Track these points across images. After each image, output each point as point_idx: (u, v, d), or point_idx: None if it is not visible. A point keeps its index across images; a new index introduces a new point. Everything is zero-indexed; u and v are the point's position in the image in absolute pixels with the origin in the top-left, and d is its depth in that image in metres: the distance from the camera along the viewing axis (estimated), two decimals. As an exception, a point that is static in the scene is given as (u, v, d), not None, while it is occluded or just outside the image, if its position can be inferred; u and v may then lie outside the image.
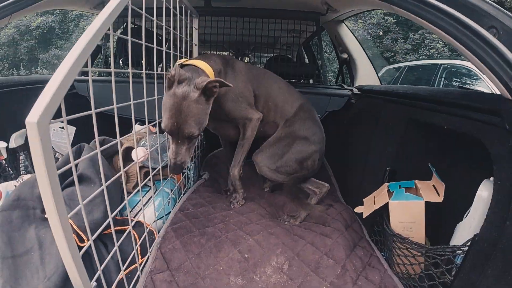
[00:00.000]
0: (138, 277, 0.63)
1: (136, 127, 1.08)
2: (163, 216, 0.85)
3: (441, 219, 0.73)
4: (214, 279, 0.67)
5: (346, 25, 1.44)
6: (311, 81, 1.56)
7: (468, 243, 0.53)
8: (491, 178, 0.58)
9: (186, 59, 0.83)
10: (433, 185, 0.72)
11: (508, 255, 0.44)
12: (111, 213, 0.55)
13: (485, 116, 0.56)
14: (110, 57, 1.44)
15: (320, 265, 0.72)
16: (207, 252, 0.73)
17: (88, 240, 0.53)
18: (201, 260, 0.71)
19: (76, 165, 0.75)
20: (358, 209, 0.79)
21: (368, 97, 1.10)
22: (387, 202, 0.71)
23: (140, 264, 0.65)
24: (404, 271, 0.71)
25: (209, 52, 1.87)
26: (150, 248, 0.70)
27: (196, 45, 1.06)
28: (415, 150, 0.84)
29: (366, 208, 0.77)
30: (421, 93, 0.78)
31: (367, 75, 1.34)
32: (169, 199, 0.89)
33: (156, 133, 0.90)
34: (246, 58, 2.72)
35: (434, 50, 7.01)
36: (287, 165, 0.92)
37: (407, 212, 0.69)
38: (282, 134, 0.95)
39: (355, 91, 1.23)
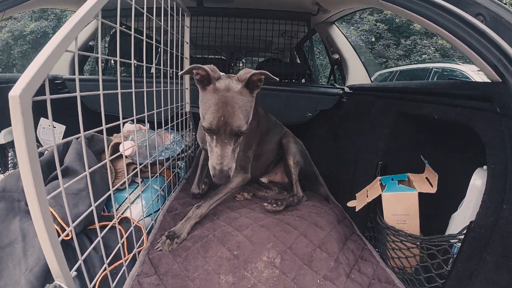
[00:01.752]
0: (124, 275, 0.60)
1: (127, 126, 1.06)
2: (151, 214, 0.82)
3: (434, 212, 0.72)
4: (203, 279, 0.64)
5: (337, 26, 1.47)
6: (303, 80, 1.57)
7: (464, 231, 0.51)
8: (484, 167, 0.58)
9: None
10: (426, 177, 0.71)
11: (507, 239, 0.43)
12: (97, 207, 0.52)
13: (475, 103, 0.56)
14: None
15: (313, 258, 0.70)
16: (195, 254, 0.70)
17: (71, 233, 0.50)
18: (189, 262, 0.68)
19: (63, 159, 0.73)
20: (350, 203, 0.78)
21: (359, 94, 1.10)
22: (380, 195, 0.70)
23: (126, 260, 0.61)
24: (399, 265, 0.69)
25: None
26: (136, 244, 0.66)
27: (187, 43, 1.06)
28: (406, 144, 0.83)
29: (359, 201, 0.76)
30: (411, 86, 0.79)
31: (358, 75, 1.35)
32: (158, 196, 0.86)
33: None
34: (240, 63, 2.74)
35: (426, 55, 7.21)
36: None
37: (400, 204, 0.67)
38: None
39: (347, 90, 1.24)
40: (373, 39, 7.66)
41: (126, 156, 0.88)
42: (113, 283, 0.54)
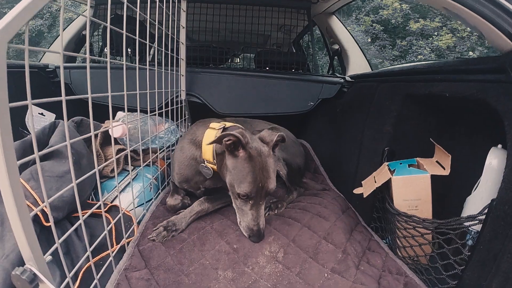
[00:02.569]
0: (111, 267, 0.54)
1: (119, 115, 1.01)
2: (143, 203, 0.76)
3: (445, 197, 0.67)
4: (199, 274, 0.58)
5: (337, 16, 1.44)
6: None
7: (485, 211, 0.47)
8: (499, 146, 0.55)
9: (219, 123, 0.74)
10: (436, 161, 0.67)
11: None
12: (82, 193, 0.47)
13: (488, 76, 0.53)
14: (94, 47, 1.39)
15: (319, 250, 0.64)
16: (190, 246, 0.64)
17: (54, 219, 0.45)
18: (184, 255, 0.62)
19: (48, 140, 0.67)
20: (357, 190, 0.73)
21: (362, 81, 1.07)
22: (390, 179, 0.65)
23: (113, 252, 0.56)
24: (411, 255, 0.64)
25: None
26: (126, 234, 0.61)
27: (184, 27, 1.01)
28: (414, 128, 0.79)
29: (366, 188, 0.71)
30: (419, 67, 0.75)
31: (359, 65, 1.32)
32: (150, 185, 0.81)
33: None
34: (237, 59, 2.68)
35: (422, 56, 7.28)
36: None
37: (411, 189, 0.63)
38: None
39: (348, 79, 1.20)
40: (369, 40, 7.74)
41: (117, 141, 0.83)
42: (97, 275, 0.48)
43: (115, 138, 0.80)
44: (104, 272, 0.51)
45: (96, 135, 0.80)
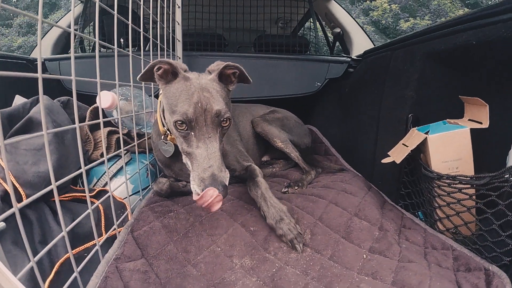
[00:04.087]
0: (99, 259, 0.43)
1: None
2: (138, 191, 0.66)
3: (483, 156, 0.59)
4: (210, 263, 0.48)
5: (336, 1, 1.41)
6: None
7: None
8: None
9: None
10: (469, 119, 0.59)
11: None
12: (62, 172, 0.38)
13: None
14: (84, 39, 1.33)
15: (351, 228, 0.55)
16: (198, 230, 0.54)
17: (26, 196, 0.35)
18: (190, 241, 0.52)
19: (28, 110, 0.58)
20: (386, 160, 0.64)
21: (372, 55, 1.01)
22: (424, 141, 0.57)
23: (101, 241, 0.45)
24: (457, 223, 0.54)
25: None
26: (117, 222, 0.50)
27: (179, 24, 0.95)
28: (437, 91, 0.73)
29: (397, 155, 0.62)
30: (438, 24, 0.69)
31: (363, 45, 1.27)
32: (147, 170, 0.71)
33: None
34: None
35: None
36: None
37: (451, 147, 0.55)
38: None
39: (355, 58, 1.15)
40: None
41: (109, 124, 0.74)
42: (78, 267, 0.37)
43: (107, 117, 0.71)
44: (90, 265, 0.40)
45: (84, 118, 0.71)
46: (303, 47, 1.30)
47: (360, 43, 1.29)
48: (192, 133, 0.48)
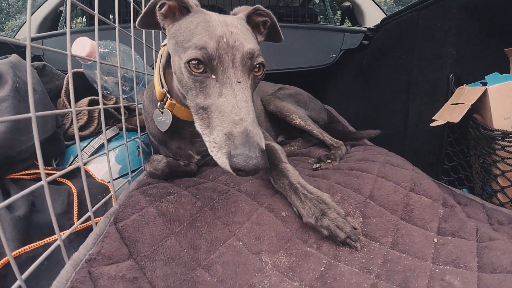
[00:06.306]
0: (61, 259, 0.28)
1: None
2: (127, 173, 0.50)
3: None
4: (230, 264, 0.33)
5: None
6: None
7: None
8: None
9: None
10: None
11: None
12: (22, 136, 0.31)
13: None
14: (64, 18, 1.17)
15: (411, 207, 0.42)
16: (210, 218, 0.39)
17: None
18: (199, 233, 0.36)
19: None
20: (436, 123, 0.52)
21: (393, 21, 0.91)
22: (483, 94, 0.46)
23: (64, 236, 0.29)
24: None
25: None
26: (92, 208, 0.34)
27: None
28: (478, 46, 0.63)
29: (450, 115, 0.50)
30: None
31: (376, 18, 1.18)
32: (138, 148, 0.55)
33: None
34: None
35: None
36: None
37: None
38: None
39: (372, 28, 1.05)
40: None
41: (84, 79, 0.58)
42: (26, 273, 0.22)
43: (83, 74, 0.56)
44: (53, 268, 0.27)
45: (61, 87, 0.57)
46: (313, 18, 1.19)
47: (372, 15, 1.19)
48: (214, 77, 0.34)
